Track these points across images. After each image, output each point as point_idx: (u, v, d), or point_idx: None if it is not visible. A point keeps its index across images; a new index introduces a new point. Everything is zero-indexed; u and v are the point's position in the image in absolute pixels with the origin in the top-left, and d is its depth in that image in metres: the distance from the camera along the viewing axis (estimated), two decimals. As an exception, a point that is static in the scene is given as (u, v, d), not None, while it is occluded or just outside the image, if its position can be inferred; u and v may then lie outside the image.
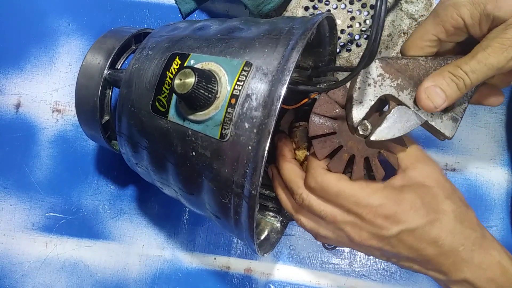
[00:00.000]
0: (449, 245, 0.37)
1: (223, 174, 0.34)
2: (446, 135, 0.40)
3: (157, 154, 0.38)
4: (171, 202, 0.57)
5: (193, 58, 0.36)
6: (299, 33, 0.34)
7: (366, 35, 0.52)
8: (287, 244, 0.56)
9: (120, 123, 0.40)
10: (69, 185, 0.57)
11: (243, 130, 0.33)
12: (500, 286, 0.37)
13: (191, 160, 0.36)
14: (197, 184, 0.37)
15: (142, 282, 0.56)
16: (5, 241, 0.57)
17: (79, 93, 0.44)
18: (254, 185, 0.32)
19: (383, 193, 0.37)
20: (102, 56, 0.43)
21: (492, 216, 0.54)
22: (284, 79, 0.32)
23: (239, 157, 0.33)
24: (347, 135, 0.40)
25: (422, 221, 0.37)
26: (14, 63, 0.59)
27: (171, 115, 0.36)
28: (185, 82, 0.32)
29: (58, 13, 0.59)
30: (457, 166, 0.55)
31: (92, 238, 0.56)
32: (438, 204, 0.38)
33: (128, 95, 0.39)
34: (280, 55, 0.33)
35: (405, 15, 0.51)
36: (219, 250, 0.56)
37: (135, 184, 0.57)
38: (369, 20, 0.52)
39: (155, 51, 0.39)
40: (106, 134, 0.46)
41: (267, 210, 0.50)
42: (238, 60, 0.34)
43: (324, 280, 0.55)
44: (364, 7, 0.52)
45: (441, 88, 0.37)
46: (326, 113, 0.40)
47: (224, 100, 0.33)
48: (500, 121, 0.55)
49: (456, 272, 0.38)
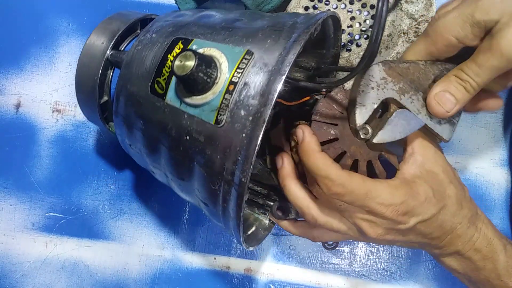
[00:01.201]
0: (450, 226, 0.40)
1: (215, 160, 0.34)
2: (444, 138, 0.41)
3: (151, 137, 0.39)
4: (171, 202, 0.57)
5: (196, 43, 0.36)
6: (303, 27, 0.34)
7: (366, 35, 0.52)
8: (287, 244, 0.56)
9: (118, 103, 0.40)
10: (69, 185, 0.57)
11: (238, 117, 0.33)
12: (484, 255, 0.41)
13: (184, 144, 0.36)
14: (188, 169, 0.37)
15: (142, 282, 0.56)
16: (5, 241, 0.57)
17: (80, 72, 0.44)
18: (245, 172, 0.32)
19: (402, 190, 0.38)
20: (106, 37, 0.43)
21: (492, 216, 0.54)
22: (283, 69, 0.32)
23: (232, 144, 0.33)
24: (349, 139, 0.40)
25: (434, 210, 0.38)
26: (14, 63, 0.59)
27: (169, 97, 0.36)
28: (185, 65, 0.32)
29: (58, 13, 0.59)
30: (457, 166, 0.55)
31: (92, 238, 0.56)
32: (445, 190, 0.40)
33: (128, 75, 0.39)
34: (282, 46, 0.33)
35: (405, 15, 0.51)
36: (219, 250, 0.56)
37: (135, 184, 0.57)
38: (369, 20, 0.52)
39: (159, 35, 0.39)
40: (103, 115, 0.46)
41: (256, 207, 0.50)
42: (240, 48, 0.34)
43: (324, 280, 0.55)
44: (364, 7, 0.52)
45: (450, 93, 0.38)
46: (327, 118, 0.40)
47: (222, 86, 0.34)
48: (500, 121, 0.55)
49: (450, 246, 0.41)
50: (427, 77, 0.40)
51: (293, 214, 0.47)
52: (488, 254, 0.41)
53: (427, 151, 0.41)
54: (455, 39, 0.37)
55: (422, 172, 0.40)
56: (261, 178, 0.51)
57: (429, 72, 0.40)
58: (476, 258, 0.41)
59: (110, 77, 0.45)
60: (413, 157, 0.40)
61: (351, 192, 0.36)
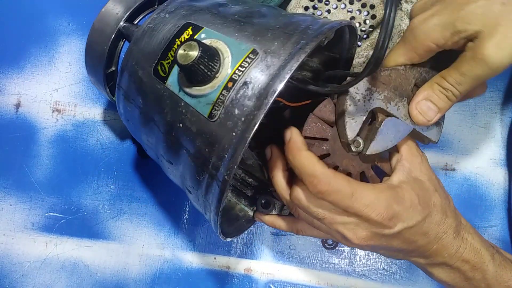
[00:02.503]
0: (435, 235, 0.39)
1: (203, 152, 0.34)
2: (432, 140, 0.42)
3: (147, 116, 0.39)
4: (171, 202, 0.57)
5: (205, 32, 0.36)
6: (313, 35, 0.34)
7: (366, 35, 0.52)
8: (287, 244, 0.56)
9: (121, 77, 0.41)
10: (69, 185, 0.57)
11: (231, 116, 0.33)
12: (473, 265, 0.40)
13: (177, 131, 0.36)
14: (177, 155, 0.37)
15: (142, 282, 0.56)
16: (5, 241, 0.57)
17: (92, 37, 0.44)
18: (229, 171, 0.33)
19: (388, 194, 0.37)
20: (122, 7, 0.44)
21: (492, 216, 0.54)
22: (283, 76, 0.32)
23: (222, 141, 0.33)
24: (340, 154, 0.40)
25: (419, 217, 0.38)
26: (14, 63, 0.59)
27: (169, 82, 0.36)
28: (188, 54, 0.33)
29: (58, 13, 0.59)
30: (457, 166, 0.55)
31: (92, 238, 0.56)
32: (430, 198, 0.40)
33: (135, 52, 0.39)
34: (288, 52, 0.33)
35: (405, 15, 0.51)
36: (219, 250, 0.56)
37: (135, 184, 0.57)
38: (369, 20, 0.52)
39: (172, 16, 0.39)
40: (108, 84, 0.46)
41: (244, 197, 0.50)
42: (246, 45, 0.34)
43: (324, 280, 0.55)
44: (364, 7, 0.52)
45: (432, 102, 0.39)
46: (317, 134, 0.40)
47: (221, 81, 0.34)
48: (500, 121, 0.55)
49: (437, 257, 0.40)
50: (408, 81, 0.40)
51: (277, 210, 0.47)
52: (476, 265, 0.40)
53: (414, 159, 0.41)
54: (435, 45, 0.37)
55: (409, 179, 0.40)
56: (254, 170, 0.51)
57: (410, 76, 0.40)
58: (464, 269, 0.40)
59: (120, 48, 0.45)
60: (400, 163, 0.41)
61: (337, 191, 0.36)
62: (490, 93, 0.55)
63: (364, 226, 0.38)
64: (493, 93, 0.55)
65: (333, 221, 0.38)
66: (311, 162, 0.36)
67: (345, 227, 0.38)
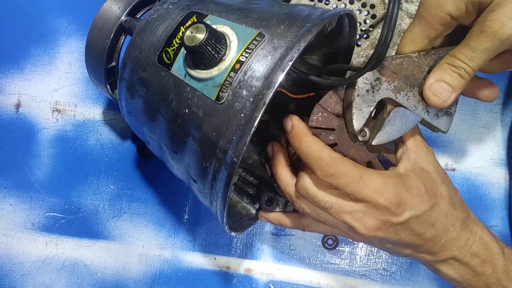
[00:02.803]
0: (443, 226, 0.39)
1: (210, 136, 0.34)
2: (442, 130, 0.41)
3: (151, 105, 0.39)
4: (171, 202, 0.57)
5: (210, 19, 0.37)
6: (318, 19, 0.35)
7: (366, 34, 0.52)
8: (287, 244, 0.56)
9: (124, 68, 0.41)
10: (69, 185, 0.57)
11: (240, 97, 0.33)
12: (483, 259, 0.39)
13: (183, 117, 0.36)
14: (182, 143, 0.37)
15: (142, 282, 0.56)
16: (5, 241, 0.57)
17: (92, 33, 0.44)
18: (238, 152, 0.32)
19: (395, 180, 0.37)
20: (123, 2, 0.44)
21: (492, 216, 0.54)
22: (292, 55, 0.32)
23: (230, 123, 0.33)
24: (347, 143, 0.40)
25: (426, 206, 0.38)
26: (14, 63, 0.59)
27: (175, 68, 0.36)
28: (195, 36, 0.33)
29: (58, 13, 0.59)
30: (457, 166, 0.55)
31: (92, 238, 0.56)
32: (437, 189, 0.39)
33: (138, 42, 0.39)
34: (294, 34, 0.33)
35: (405, 14, 0.51)
36: (219, 250, 0.56)
37: (135, 184, 0.57)
38: (369, 19, 0.52)
39: (176, 6, 0.39)
40: (109, 80, 0.46)
41: (245, 195, 0.50)
42: (252, 29, 0.35)
43: (324, 280, 0.55)
44: (364, 7, 0.52)
45: (445, 82, 0.37)
46: (323, 124, 0.40)
47: (228, 64, 0.34)
48: (500, 121, 0.55)
49: (445, 251, 0.39)
50: (421, 69, 0.39)
51: (280, 207, 0.47)
52: (486, 258, 0.39)
53: (420, 150, 0.41)
54: (449, 16, 0.37)
55: (415, 168, 0.40)
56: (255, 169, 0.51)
57: (423, 64, 0.39)
58: (474, 263, 0.39)
59: (121, 43, 0.45)
60: (406, 153, 0.40)
61: (344, 173, 0.36)
62: (490, 93, 0.55)
63: (372, 214, 0.37)
64: (493, 93, 0.55)
65: (340, 210, 0.37)
66: (318, 145, 0.36)
67: (353, 216, 0.37)
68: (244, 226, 0.48)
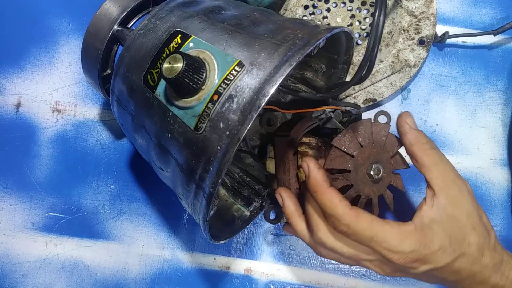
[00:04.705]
0: (467, 273, 0.38)
1: (190, 163, 0.35)
2: None
3: (139, 123, 0.39)
4: (171, 202, 0.57)
5: (193, 41, 0.36)
6: (300, 45, 0.34)
7: (366, 33, 0.52)
8: (287, 244, 0.55)
9: (114, 82, 0.41)
10: (69, 185, 0.57)
11: (216, 129, 0.33)
12: None
13: (166, 140, 0.36)
14: (167, 163, 0.38)
15: (142, 282, 0.56)
16: (5, 241, 0.57)
17: (87, 40, 0.44)
18: (213, 184, 0.33)
19: (414, 237, 0.37)
20: (117, 10, 0.44)
21: (493, 216, 0.54)
22: (268, 91, 0.32)
23: (207, 153, 0.33)
24: (362, 183, 0.41)
25: (449, 259, 0.37)
26: (14, 63, 0.59)
27: (158, 92, 0.37)
28: (173, 67, 0.33)
29: (58, 13, 0.59)
30: (457, 166, 0.55)
31: (92, 238, 0.56)
32: (465, 237, 0.38)
33: (126, 59, 0.40)
34: (274, 64, 0.33)
35: (405, 12, 0.51)
36: (219, 250, 0.56)
37: (135, 184, 0.57)
38: (369, 18, 0.52)
39: (162, 22, 0.39)
40: (105, 86, 0.46)
41: (240, 198, 0.50)
42: (232, 57, 0.34)
43: (324, 280, 0.55)
44: (363, 5, 0.52)
45: None
46: (339, 166, 0.41)
47: (207, 94, 0.34)
48: (500, 121, 0.55)
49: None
50: None
51: (285, 219, 0.48)
52: None
53: (452, 192, 0.38)
54: None
55: (442, 217, 0.37)
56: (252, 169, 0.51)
57: None
58: None
59: (115, 51, 0.45)
60: (435, 198, 0.38)
61: (356, 233, 0.36)
62: (490, 93, 0.55)
63: (389, 264, 0.38)
64: (493, 93, 0.55)
65: (359, 259, 0.39)
66: (332, 202, 0.37)
67: (372, 263, 0.39)
68: (236, 230, 0.48)
